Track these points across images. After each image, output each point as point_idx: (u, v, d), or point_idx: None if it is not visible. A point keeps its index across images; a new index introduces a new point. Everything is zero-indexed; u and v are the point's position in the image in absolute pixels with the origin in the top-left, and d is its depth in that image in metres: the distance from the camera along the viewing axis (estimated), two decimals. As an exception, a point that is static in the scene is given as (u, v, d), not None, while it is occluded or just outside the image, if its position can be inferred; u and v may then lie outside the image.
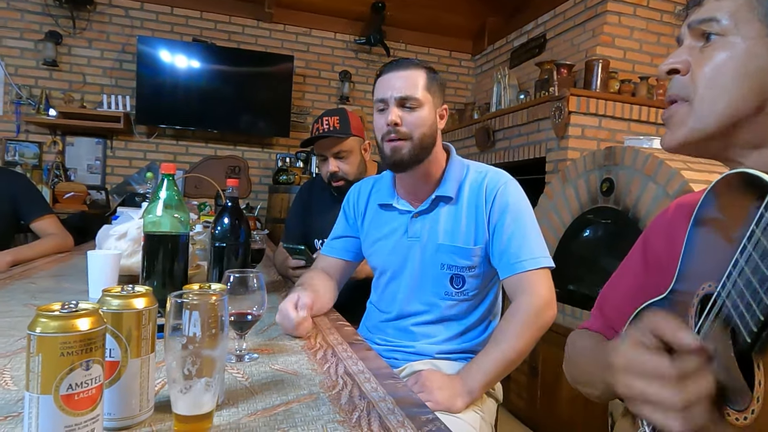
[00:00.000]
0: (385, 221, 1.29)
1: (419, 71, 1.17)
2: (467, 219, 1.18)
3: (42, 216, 1.99)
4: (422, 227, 1.22)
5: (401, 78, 1.16)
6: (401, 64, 1.18)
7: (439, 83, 1.21)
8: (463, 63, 4.85)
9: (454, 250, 1.17)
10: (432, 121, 1.18)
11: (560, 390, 2.32)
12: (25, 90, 3.82)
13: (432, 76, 1.19)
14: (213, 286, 0.71)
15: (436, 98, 1.20)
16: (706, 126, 0.62)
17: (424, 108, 1.16)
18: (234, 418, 0.64)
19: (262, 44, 4.32)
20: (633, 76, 2.98)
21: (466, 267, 1.18)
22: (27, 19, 3.81)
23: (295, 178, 4.08)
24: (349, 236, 1.37)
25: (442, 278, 1.19)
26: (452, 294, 1.19)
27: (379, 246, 1.29)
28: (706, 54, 0.62)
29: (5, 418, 0.60)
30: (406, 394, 0.76)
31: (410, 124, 1.15)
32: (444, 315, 1.21)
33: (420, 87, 1.16)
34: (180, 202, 1.04)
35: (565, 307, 2.37)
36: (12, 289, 1.30)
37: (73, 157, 3.98)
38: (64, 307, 0.50)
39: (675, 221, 0.73)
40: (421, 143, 1.16)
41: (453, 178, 1.21)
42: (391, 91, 1.16)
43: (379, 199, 1.30)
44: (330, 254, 1.37)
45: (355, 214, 1.36)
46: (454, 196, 1.19)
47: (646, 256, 0.79)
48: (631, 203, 2.04)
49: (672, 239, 0.70)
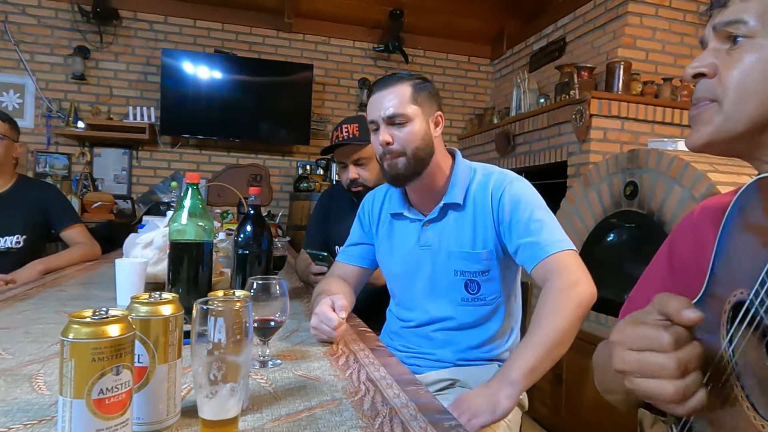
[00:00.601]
0: (398, 230, 1.30)
1: (404, 85, 1.17)
2: (475, 223, 1.18)
3: (71, 225, 2.06)
4: (433, 235, 1.22)
5: (386, 96, 1.17)
6: (386, 82, 1.19)
7: (428, 92, 1.20)
8: (482, 68, 4.83)
9: (465, 256, 1.17)
10: (424, 132, 1.17)
11: (585, 398, 2.28)
12: (54, 103, 3.95)
13: (419, 87, 1.18)
14: (237, 293, 0.72)
15: (427, 107, 1.19)
16: (734, 126, 0.61)
17: (413, 122, 1.16)
18: (258, 423, 0.65)
19: (282, 54, 4.38)
20: (656, 78, 2.93)
21: (478, 272, 1.17)
22: (57, 35, 3.94)
23: (316, 185, 4.12)
24: (365, 243, 1.38)
25: (457, 284, 1.19)
26: (469, 300, 1.19)
27: (393, 255, 1.30)
28: (734, 57, 0.61)
29: (39, 421, 0.61)
30: (429, 400, 0.76)
31: (401, 140, 1.16)
32: (463, 322, 1.20)
33: (406, 102, 1.16)
34: (204, 211, 1.06)
35: (590, 313, 2.32)
36: (44, 296, 1.34)
37: (100, 167, 4.09)
38: (95, 314, 0.52)
39: (701, 224, 0.72)
40: (415, 157, 1.16)
41: (459, 184, 1.20)
42: (379, 111, 1.17)
43: (392, 209, 1.31)
44: (346, 261, 1.38)
45: (369, 222, 1.37)
46: (461, 202, 1.19)
47: (672, 260, 0.77)
48: (656, 207, 2.01)
49: (698, 243, 0.69)
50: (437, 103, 1.22)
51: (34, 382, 0.74)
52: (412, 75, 1.21)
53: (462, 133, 4.66)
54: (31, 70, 3.89)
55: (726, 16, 0.61)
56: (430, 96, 1.20)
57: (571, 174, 2.90)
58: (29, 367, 0.80)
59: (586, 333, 2.32)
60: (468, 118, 4.71)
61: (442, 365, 1.21)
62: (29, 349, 0.89)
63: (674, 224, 1.86)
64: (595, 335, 2.25)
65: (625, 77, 2.82)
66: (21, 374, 0.77)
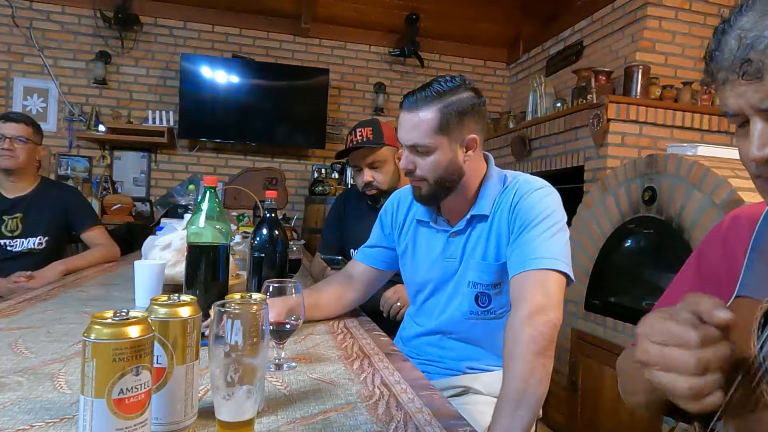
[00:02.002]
0: (423, 238, 1.26)
1: (431, 112, 1.08)
2: (496, 234, 1.13)
3: (92, 227, 2.10)
4: (457, 247, 1.18)
5: (411, 120, 1.10)
6: (414, 104, 1.10)
7: (459, 114, 1.09)
8: (498, 72, 4.82)
9: (481, 267, 1.13)
10: (449, 161, 1.11)
11: (602, 405, 2.25)
12: (77, 107, 4.03)
13: (447, 110, 1.08)
14: (254, 296, 0.73)
15: (456, 133, 1.10)
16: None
17: (437, 152, 1.10)
18: (274, 425, 0.65)
19: (299, 58, 4.42)
20: (675, 82, 2.89)
21: (491, 284, 1.13)
22: (79, 41, 4.03)
23: (331, 189, 4.13)
24: (384, 247, 1.34)
25: (469, 296, 1.16)
26: (478, 313, 1.15)
27: (416, 264, 1.26)
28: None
29: (61, 420, 0.63)
30: (443, 405, 0.76)
31: (424, 169, 1.11)
32: (471, 335, 1.18)
33: (430, 132, 1.08)
34: (221, 214, 1.08)
35: (607, 320, 2.30)
36: (65, 297, 1.37)
37: (119, 170, 4.16)
38: (116, 315, 0.53)
39: (732, 233, 0.71)
40: (437, 185, 1.12)
41: (489, 195, 1.15)
42: (402, 136, 1.13)
43: (419, 215, 1.26)
44: (362, 261, 1.35)
45: (392, 225, 1.33)
46: (489, 213, 1.14)
47: (701, 269, 0.76)
48: (674, 212, 1.97)
49: (730, 251, 0.68)
50: (473, 122, 1.12)
51: (56, 381, 0.75)
52: (444, 90, 1.09)
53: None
54: (55, 74, 3.98)
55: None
56: (462, 118, 1.10)
57: (588, 179, 2.87)
58: (51, 366, 0.81)
59: (602, 340, 2.29)
60: (484, 122, 4.69)
61: (453, 373, 1.20)
62: (51, 348, 0.91)
63: (694, 230, 1.85)
64: (612, 342, 2.22)
65: (643, 81, 2.78)
66: (43, 373, 0.78)
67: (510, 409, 0.89)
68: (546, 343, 0.94)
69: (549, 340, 0.95)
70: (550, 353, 0.95)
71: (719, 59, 0.56)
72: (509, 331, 0.97)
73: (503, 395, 0.92)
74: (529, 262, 1.02)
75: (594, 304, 2.40)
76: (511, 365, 0.93)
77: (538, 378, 0.91)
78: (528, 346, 0.93)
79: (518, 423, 0.88)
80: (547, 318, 0.96)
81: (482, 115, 1.15)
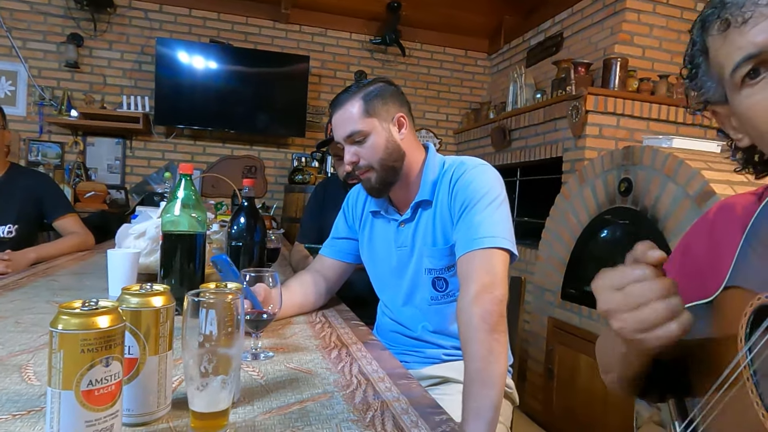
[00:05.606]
0: (378, 229, 1.29)
1: (353, 101, 1.15)
2: (441, 218, 1.15)
3: (64, 215, 2.04)
4: (407, 235, 1.21)
5: (341, 119, 1.17)
6: (339, 103, 1.18)
7: (381, 97, 1.16)
8: (479, 62, 4.82)
9: (433, 253, 1.16)
10: (385, 140, 1.16)
11: (577, 392, 2.30)
12: (47, 91, 3.90)
13: (369, 97, 1.15)
14: (229, 285, 0.72)
15: (383, 114, 1.16)
16: None
17: (371, 135, 1.15)
18: (249, 416, 0.65)
19: (279, 45, 4.35)
20: (652, 75, 2.93)
21: (444, 267, 1.15)
22: (50, 22, 3.89)
23: (311, 177, 4.10)
24: (349, 238, 1.35)
25: (427, 283, 1.18)
26: (438, 298, 1.18)
27: (374, 255, 1.29)
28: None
29: (28, 412, 0.61)
30: (420, 394, 0.76)
31: (365, 155, 1.16)
32: (440, 323, 1.19)
33: (359, 118, 1.14)
34: (197, 202, 1.06)
35: (582, 308, 2.34)
36: (36, 286, 1.33)
37: (93, 156, 4.05)
38: (84, 304, 0.51)
39: (718, 224, 0.69)
40: (383, 168, 1.16)
41: (429, 180, 1.18)
42: (337, 134, 1.18)
43: (372, 206, 1.29)
44: (329, 255, 1.35)
45: (353, 217, 1.36)
46: (431, 198, 1.17)
47: (685, 262, 0.75)
48: (649, 204, 2.01)
49: (716, 243, 0.67)
50: (398, 103, 1.19)
51: (24, 373, 0.73)
52: (361, 85, 1.18)
53: (458, 127, 4.65)
54: (24, 57, 3.84)
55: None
56: (385, 100, 1.17)
57: (566, 170, 2.90)
58: (19, 357, 0.79)
59: (578, 328, 2.33)
60: (464, 112, 4.70)
61: (431, 361, 1.21)
62: (20, 339, 0.88)
63: (668, 221, 1.89)
64: (588, 330, 2.27)
65: (621, 74, 2.82)
66: (11, 364, 0.76)
67: (476, 391, 0.93)
68: (496, 318, 0.98)
69: (498, 316, 0.98)
70: (502, 328, 0.99)
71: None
72: (460, 313, 1.01)
73: (467, 379, 0.96)
74: (473, 242, 1.05)
75: (570, 293, 2.44)
76: (468, 348, 0.97)
77: (495, 355, 0.95)
78: (480, 325, 0.96)
79: (487, 402, 0.92)
80: (493, 295, 0.99)
81: (403, 98, 1.22)
